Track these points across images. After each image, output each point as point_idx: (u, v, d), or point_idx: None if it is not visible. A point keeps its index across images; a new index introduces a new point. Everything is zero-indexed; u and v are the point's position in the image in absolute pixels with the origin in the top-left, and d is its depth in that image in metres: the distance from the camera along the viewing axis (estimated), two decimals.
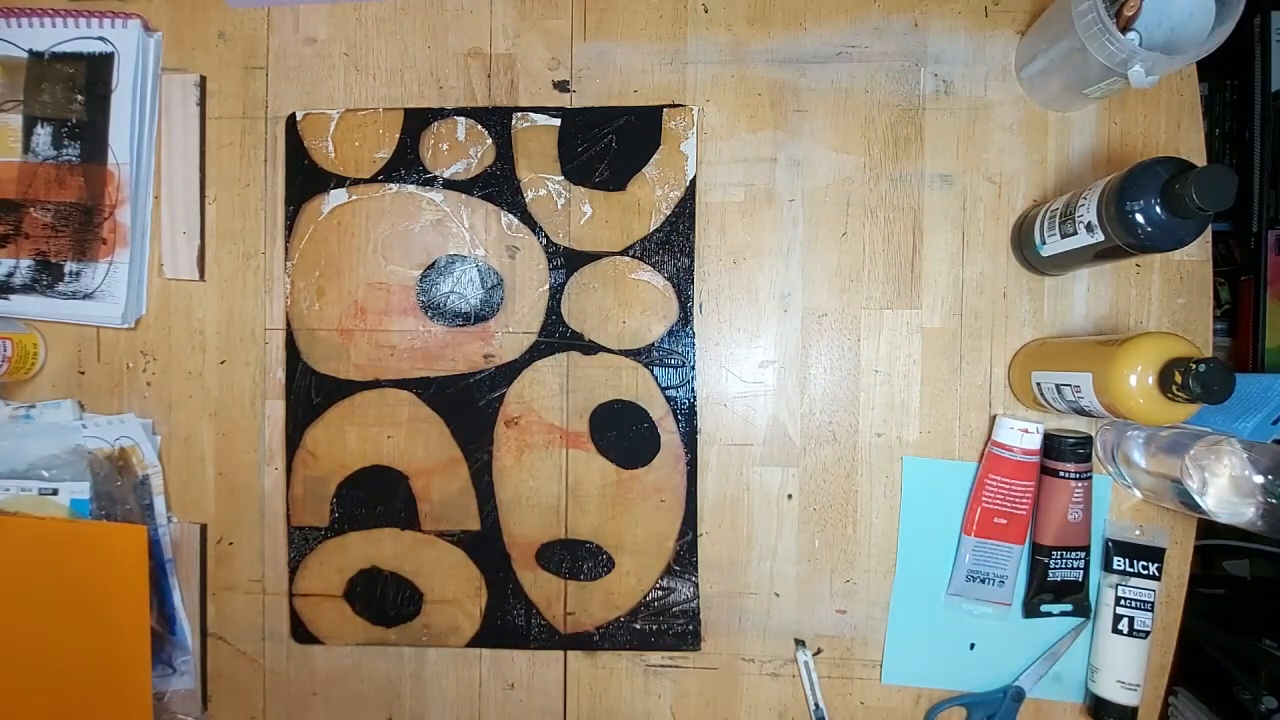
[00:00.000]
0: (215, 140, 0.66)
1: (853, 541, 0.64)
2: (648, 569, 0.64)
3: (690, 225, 0.63)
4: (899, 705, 0.64)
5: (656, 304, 0.64)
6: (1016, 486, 0.59)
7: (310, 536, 0.65)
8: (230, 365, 0.66)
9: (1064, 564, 0.60)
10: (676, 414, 0.64)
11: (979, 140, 0.62)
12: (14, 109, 0.65)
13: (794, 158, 0.63)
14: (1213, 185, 0.43)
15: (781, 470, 0.64)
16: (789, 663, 0.64)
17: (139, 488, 0.65)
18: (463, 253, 0.65)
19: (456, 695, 0.66)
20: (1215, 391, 0.45)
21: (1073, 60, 0.54)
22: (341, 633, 0.66)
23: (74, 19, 0.64)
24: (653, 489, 0.64)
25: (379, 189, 0.65)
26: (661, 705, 0.65)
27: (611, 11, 0.64)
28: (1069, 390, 0.54)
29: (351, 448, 0.65)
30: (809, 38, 0.63)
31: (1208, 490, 0.50)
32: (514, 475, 0.65)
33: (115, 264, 0.64)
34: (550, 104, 0.64)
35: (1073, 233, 0.52)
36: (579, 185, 0.64)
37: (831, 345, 0.64)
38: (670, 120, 0.63)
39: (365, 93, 0.65)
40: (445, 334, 0.65)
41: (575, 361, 0.64)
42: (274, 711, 0.67)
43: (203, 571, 0.66)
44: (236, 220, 0.66)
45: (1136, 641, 0.59)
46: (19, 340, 0.63)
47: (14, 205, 0.65)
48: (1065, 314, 0.62)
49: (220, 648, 0.67)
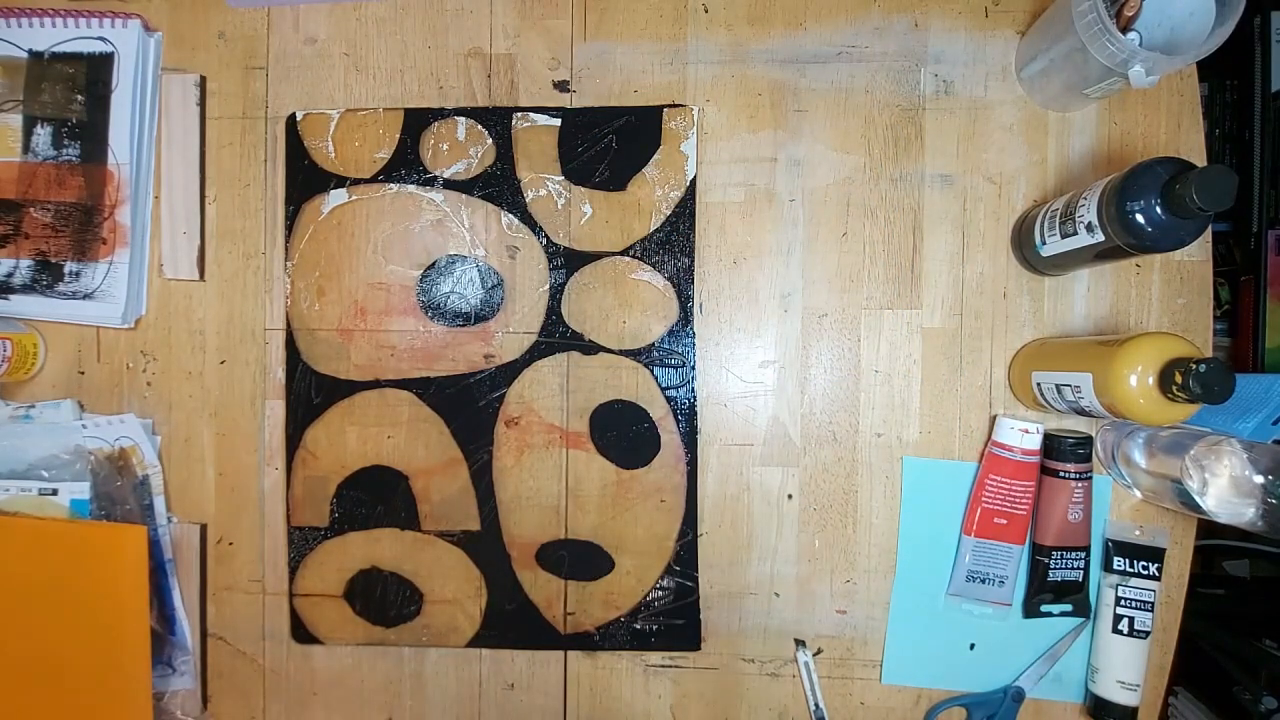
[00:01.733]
0: (215, 140, 0.66)
1: (853, 541, 0.64)
2: (648, 569, 0.64)
3: (690, 225, 0.63)
4: (899, 705, 0.64)
5: (656, 304, 0.64)
6: (1016, 486, 0.59)
7: (310, 536, 0.65)
8: (230, 365, 0.66)
9: (1064, 564, 0.60)
10: (677, 414, 0.64)
11: (979, 140, 0.62)
12: (14, 109, 0.65)
13: (794, 158, 0.63)
14: (1213, 185, 0.43)
15: (781, 470, 0.64)
16: (789, 663, 0.64)
17: (139, 488, 0.65)
18: (463, 253, 0.65)
19: (456, 695, 0.66)
20: (1215, 391, 0.45)
21: (1073, 60, 0.54)
22: (341, 633, 0.66)
23: (74, 19, 0.64)
24: (653, 489, 0.64)
25: (379, 189, 0.65)
26: (661, 705, 0.65)
27: (611, 11, 0.64)
28: (1069, 390, 0.54)
29: (351, 448, 0.65)
30: (809, 38, 0.63)
31: (1208, 490, 0.50)
32: (514, 475, 0.65)
33: (115, 264, 0.64)
34: (550, 104, 0.64)
35: (1073, 233, 0.52)
36: (579, 185, 0.64)
37: (832, 345, 0.64)
38: (670, 120, 0.63)
39: (365, 93, 0.65)
40: (445, 334, 0.65)
41: (575, 361, 0.64)
42: (274, 711, 0.67)
43: (203, 571, 0.66)
44: (236, 220, 0.66)
45: (1136, 641, 0.59)
46: (19, 340, 0.63)
47: (14, 205, 0.65)
48: (1065, 314, 0.62)
49: (220, 648, 0.67)
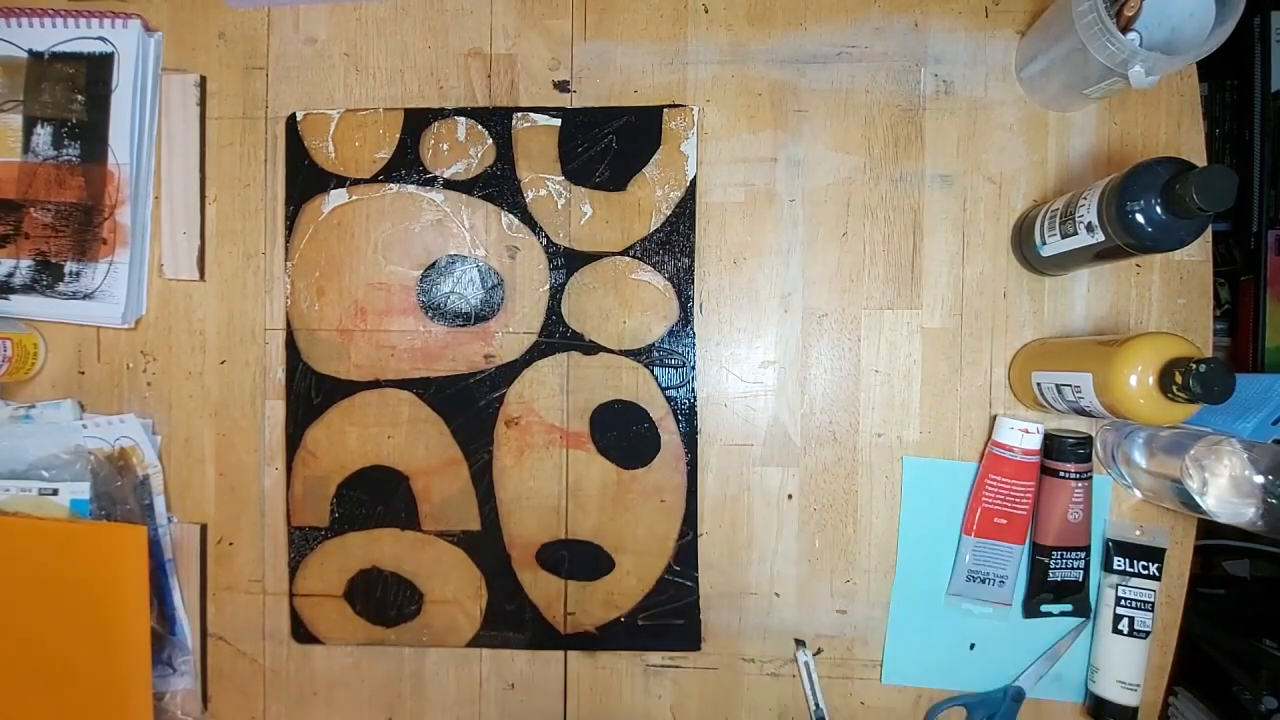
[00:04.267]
0: (215, 140, 0.66)
1: (853, 541, 0.64)
2: (648, 569, 0.64)
3: (690, 225, 0.63)
4: (899, 705, 0.64)
5: (657, 304, 0.64)
6: (1017, 486, 0.59)
7: (310, 536, 0.65)
8: (230, 365, 0.66)
9: (1064, 564, 0.60)
10: (677, 414, 0.64)
11: (979, 140, 0.62)
12: (14, 109, 0.65)
13: (794, 158, 0.63)
14: (1213, 185, 0.43)
15: (781, 470, 0.64)
16: (789, 663, 0.64)
17: (139, 488, 0.65)
18: (463, 253, 0.65)
19: (456, 695, 0.66)
20: (1215, 391, 0.45)
21: (1073, 60, 0.54)
22: (341, 633, 0.66)
23: (74, 19, 0.64)
24: (653, 489, 0.64)
25: (379, 189, 0.65)
26: (661, 705, 0.65)
27: (611, 11, 0.64)
28: (1069, 390, 0.54)
29: (351, 448, 0.65)
30: (809, 38, 0.63)
31: (1208, 490, 0.50)
32: (514, 475, 0.65)
33: (115, 264, 0.64)
34: (550, 104, 0.64)
35: (1073, 233, 0.52)
36: (579, 185, 0.64)
37: (832, 345, 0.64)
38: (670, 120, 0.63)
39: (365, 93, 0.65)
40: (445, 334, 0.65)
41: (575, 362, 0.64)
42: (274, 711, 0.67)
43: (203, 571, 0.66)
44: (236, 220, 0.66)
45: (1136, 641, 0.59)
46: (19, 340, 0.63)
47: (14, 205, 0.65)
48: (1065, 314, 0.62)
49: (220, 648, 0.67)
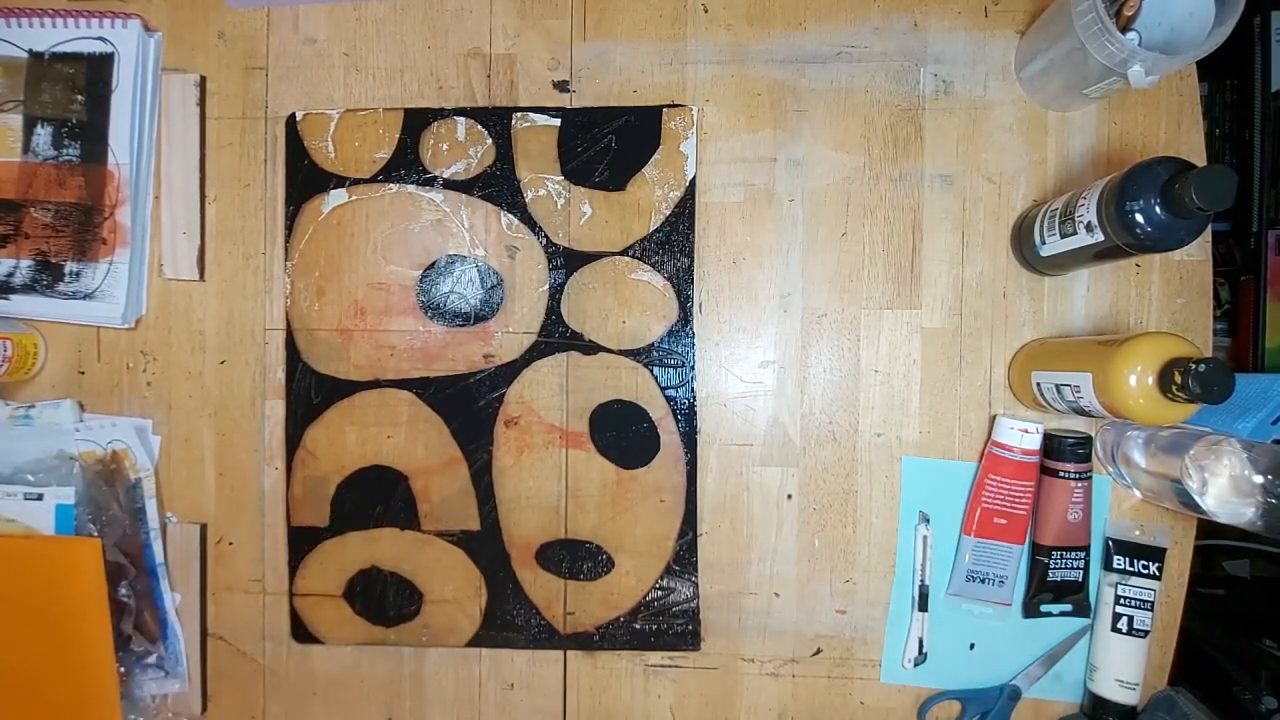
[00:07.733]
0: (215, 140, 0.66)
1: (853, 541, 0.64)
2: (648, 569, 0.64)
3: (690, 225, 0.63)
4: (899, 705, 0.64)
5: (656, 304, 0.64)
6: (1016, 486, 0.59)
7: (310, 536, 0.65)
8: (230, 365, 0.66)
9: (1064, 564, 0.60)
10: (676, 414, 0.64)
11: (979, 140, 0.62)
12: (14, 109, 0.65)
13: (794, 158, 0.63)
14: (1213, 185, 0.43)
15: (781, 470, 0.64)
16: (789, 662, 0.64)
17: (129, 492, 0.65)
18: (463, 253, 0.65)
19: (456, 695, 0.66)
20: (1215, 391, 0.45)
21: (1073, 60, 0.54)
22: (341, 633, 0.66)
23: (74, 19, 0.64)
24: (653, 489, 0.64)
25: (379, 189, 0.65)
26: (661, 705, 0.65)
27: (611, 11, 0.64)
28: (1069, 390, 0.54)
29: (351, 448, 0.65)
30: (809, 38, 0.63)
31: (1208, 490, 0.50)
32: (514, 475, 0.65)
33: (115, 264, 0.64)
34: (550, 104, 0.64)
35: (1073, 233, 0.52)
36: (579, 185, 0.64)
37: (831, 345, 0.64)
38: (670, 120, 0.63)
39: (365, 93, 0.65)
40: (445, 334, 0.65)
41: (575, 361, 0.64)
42: (274, 711, 0.67)
43: (203, 571, 0.66)
44: (236, 220, 0.66)
45: (1136, 641, 0.59)
46: (19, 340, 0.63)
47: (14, 205, 0.65)
48: (1065, 314, 0.62)
49: (220, 648, 0.67)
